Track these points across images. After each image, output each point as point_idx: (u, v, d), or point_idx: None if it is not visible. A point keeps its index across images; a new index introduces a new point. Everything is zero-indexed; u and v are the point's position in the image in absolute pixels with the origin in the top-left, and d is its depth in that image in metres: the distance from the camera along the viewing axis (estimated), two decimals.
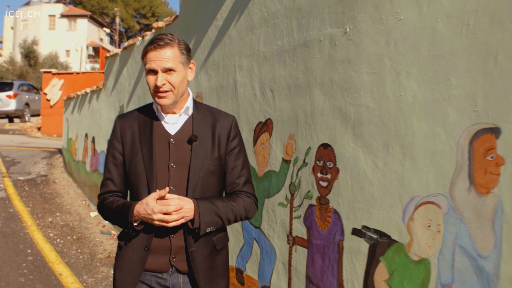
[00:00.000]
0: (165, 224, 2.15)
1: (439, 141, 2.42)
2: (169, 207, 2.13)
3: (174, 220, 2.15)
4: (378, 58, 2.77)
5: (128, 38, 59.72)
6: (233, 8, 4.35)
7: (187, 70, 2.32)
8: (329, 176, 3.11)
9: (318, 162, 3.21)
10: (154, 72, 2.23)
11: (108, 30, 62.76)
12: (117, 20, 57.77)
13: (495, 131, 2.19)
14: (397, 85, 2.65)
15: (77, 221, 8.20)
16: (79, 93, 10.96)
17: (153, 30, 6.36)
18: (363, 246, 2.87)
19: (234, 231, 4.26)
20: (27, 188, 10.40)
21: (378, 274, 2.77)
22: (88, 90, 9.95)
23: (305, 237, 3.34)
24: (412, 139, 2.56)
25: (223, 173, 2.38)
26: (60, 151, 14.74)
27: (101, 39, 67.27)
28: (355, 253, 2.93)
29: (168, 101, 2.26)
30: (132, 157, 2.33)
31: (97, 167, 9.05)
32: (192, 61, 2.36)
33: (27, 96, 25.94)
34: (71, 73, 21.07)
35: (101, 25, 66.45)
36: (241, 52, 4.17)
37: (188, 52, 2.32)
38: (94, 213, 8.62)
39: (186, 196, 2.24)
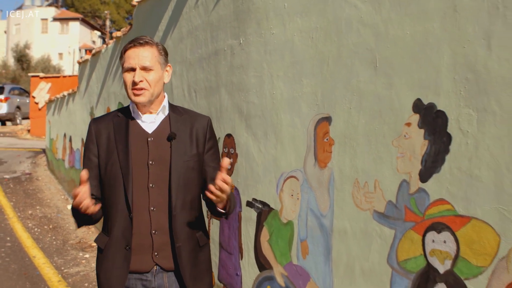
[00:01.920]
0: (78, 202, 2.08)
1: (297, 129, 3.09)
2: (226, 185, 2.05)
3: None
4: (259, 64, 3.43)
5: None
6: (169, 21, 5.01)
7: (164, 72, 2.32)
8: (232, 160, 3.78)
9: (225, 149, 3.87)
10: (132, 69, 2.23)
11: (99, 33, 63.23)
12: (108, 22, 58.25)
13: (328, 119, 2.86)
14: (271, 85, 3.31)
15: (55, 213, 8.88)
16: (58, 96, 11.61)
17: (114, 39, 7.01)
18: (253, 214, 3.54)
19: None
20: (11, 185, 11.04)
21: (262, 236, 3.44)
22: (65, 93, 10.59)
23: None
24: (281, 127, 3.22)
25: (201, 170, 2.36)
26: (44, 151, 15.39)
27: (94, 42, 67.39)
28: (248, 221, 3.59)
29: (144, 98, 2.23)
30: (108, 157, 2.29)
31: (73, 164, 9.71)
32: (169, 64, 2.37)
33: (18, 100, 26.50)
34: (58, 77, 21.70)
35: (93, 27, 66.56)
36: (175, 59, 4.83)
37: (166, 55, 2.33)
38: (71, 206, 9.27)
39: (170, 192, 2.24)
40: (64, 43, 63.05)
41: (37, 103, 21.17)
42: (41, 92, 21.00)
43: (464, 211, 2.14)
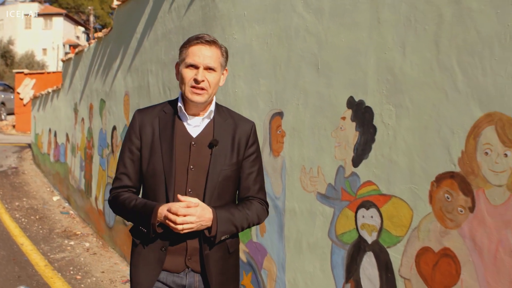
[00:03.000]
0: (178, 230, 2.07)
1: (256, 123, 3.47)
2: (189, 217, 2.05)
3: (187, 228, 2.07)
4: None
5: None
6: (146, 24, 5.35)
7: (221, 75, 2.25)
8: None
9: None
10: (194, 67, 2.13)
11: (83, 29, 62.91)
12: (91, 18, 58.02)
13: (281, 114, 3.25)
14: (234, 84, 3.69)
15: (41, 204, 9.19)
16: (43, 92, 11.89)
17: (96, 39, 7.33)
18: None
19: None
20: None
21: None
22: (50, 89, 10.88)
23: None
24: None
25: (239, 178, 2.31)
26: (29, 145, 15.63)
27: (78, 37, 66.83)
28: None
29: (202, 99, 2.15)
30: (151, 155, 2.23)
31: (58, 158, 10.03)
32: (226, 68, 2.30)
33: (2, 96, 26.54)
34: (43, 73, 21.85)
35: (77, 23, 66.02)
36: (151, 60, 5.18)
37: (227, 57, 2.27)
38: (56, 197, 9.63)
39: (204, 199, 2.18)
40: (48, 39, 62.39)
41: (22, 99, 21.33)
42: (26, 88, 21.16)
43: (386, 191, 2.54)
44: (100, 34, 6.95)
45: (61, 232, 7.35)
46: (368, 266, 2.66)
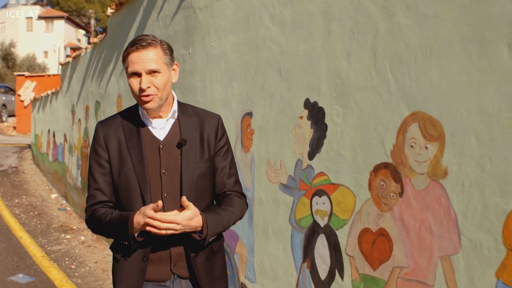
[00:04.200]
0: (162, 233, 1.99)
1: (229, 122, 3.83)
2: (176, 226, 1.97)
3: (172, 229, 1.98)
4: (203, 70, 4.18)
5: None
6: (137, 31, 5.72)
7: (171, 71, 2.17)
8: None
9: None
10: (137, 74, 2.05)
11: (84, 32, 63.31)
12: (92, 21, 58.37)
13: (250, 114, 3.62)
14: (212, 87, 4.06)
15: (40, 202, 9.58)
16: (42, 94, 12.27)
17: (92, 44, 7.70)
18: None
19: None
20: None
21: None
22: (49, 92, 11.26)
23: None
24: None
25: (213, 174, 2.26)
26: (29, 146, 16.02)
27: (79, 40, 66.93)
28: None
29: (154, 104, 2.08)
30: (121, 165, 2.14)
31: (57, 157, 10.43)
32: (175, 62, 2.22)
33: (4, 98, 26.95)
34: (43, 76, 22.25)
35: (78, 25, 66.16)
36: None
37: (171, 53, 2.17)
38: (54, 195, 10.02)
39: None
40: (49, 42, 62.37)
41: (22, 101, 21.71)
42: (27, 91, 21.54)
43: (335, 180, 2.91)
44: (95, 39, 7.31)
45: (58, 227, 7.72)
46: (321, 246, 3.02)
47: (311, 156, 3.07)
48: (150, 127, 2.18)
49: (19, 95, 21.88)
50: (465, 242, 2.25)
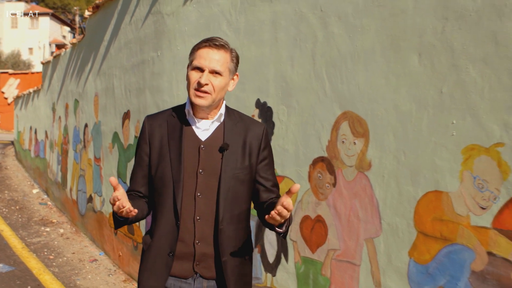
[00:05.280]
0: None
1: None
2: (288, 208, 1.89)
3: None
4: (170, 72, 4.46)
5: None
6: (111, 33, 5.99)
7: (231, 80, 2.17)
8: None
9: None
10: (200, 69, 2.06)
11: (68, 29, 62.99)
12: (77, 18, 58.14)
13: None
14: (177, 87, 4.35)
15: (22, 196, 9.79)
16: (25, 92, 12.47)
17: (70, 45, 7.94)
18: None
19: None
20: None
21: None
22: (31, 90, 11.46)
23: None
24: None
25: (252, 182, 2.22)
26: (12, 142, 16.19)
27: (64, 36, 66.38)
28: None
29: (205, 102, 2.06)
30: (159, 160, 2.16)
31: (38, 153, 10.65)
32: (237, 73, 2.20)
33: None
34: (27, 73, 22.36)
35: (63, 22, 65.72)
36: (116, 65, 5.82)
37: (237, 63, 2.18)
38: (36, 190, 10.25)
39: (217, 203, 2.10)
40: (34, 38, 61.73)
41: (6, 98, 21.81)
42: (10, 88, 21.64)
43: (281, 173, 3.21)
44: (74, 40, 7.55)
45: (38, 220, 7.96)
46: (269, 233, 3.33)
47: None
48: (194, 127, 2.16)
49: (3, 93, 21.98)
50: (384, 226, 2.57)
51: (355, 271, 2.73)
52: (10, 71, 22.41)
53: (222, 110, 2.18)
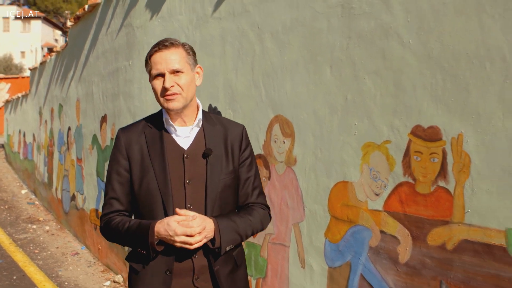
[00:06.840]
0: (187, 246, 1.89)
1: None
2: (192, 229, 1.87)
3: (198, 241, 1.89)
4: (140, 79, 4.93)
5: None
6: (91, 43, 6.44)
7: (195, 73, 2.09)
8: None
9: None
10: (160, 75, 2.00)
11: (60, 32, 63.21)
12: (68, 22, 58.33)
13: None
14: (146, 93, 4.81)
15: (11, 197, 10.25)
16: (14, 97, 12.91)
17: (54, 53, 8.40)
18: None
19: None
20: None
21: None
22: (19, 94, 11.91)
23: None
24: None
25: (237, 184, 2.16)
26: (2, 145, 16.63)
27: (56, 40, 66.35)
28: None
29: (178, 104, 1.99)
30: (143, 174, 2.04)
31: (27, 156, 11.11)
32: (199, 65, 2.14)
33: None
34: (17, 77, 22.74)
35: (55, 26, 65.73)
36: (94, 72, 6.28)
37: (194, 54, 2.10)
38: (25, 191, 10.70)
39: (205, 212, 2.00)
40: (26, 42, 61.40)
41: None
42: (1, 92, 22.02)
43: None
44: (57, 48, 8.00)
45: (26, 219, 8.41)
46: None
47: None
48: (174, 135, 2.08)
49: None
50: (307, 212, 3.03)
51: (286, 251, 3.19)
52: (1, 75, 22.80)
53: (200, 115, 2.12)
